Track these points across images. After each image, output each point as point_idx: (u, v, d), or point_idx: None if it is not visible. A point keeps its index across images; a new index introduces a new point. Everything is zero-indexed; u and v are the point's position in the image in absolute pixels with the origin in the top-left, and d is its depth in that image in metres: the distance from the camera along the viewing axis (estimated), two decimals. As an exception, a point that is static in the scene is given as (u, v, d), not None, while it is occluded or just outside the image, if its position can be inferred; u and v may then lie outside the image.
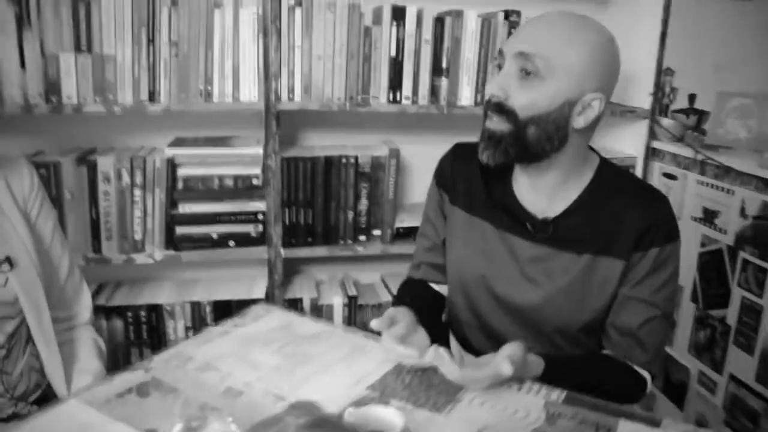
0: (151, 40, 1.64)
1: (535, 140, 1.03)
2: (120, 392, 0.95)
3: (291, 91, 1.74)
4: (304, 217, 1.83)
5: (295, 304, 1.87)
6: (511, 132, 1.03)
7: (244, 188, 1.79)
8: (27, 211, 1.19)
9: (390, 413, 0.87)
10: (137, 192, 1.73)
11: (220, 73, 1.70)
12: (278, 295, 1.84)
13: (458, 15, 1.80)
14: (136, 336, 1.81)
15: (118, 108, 1.65)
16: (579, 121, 1.02)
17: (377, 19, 1.79)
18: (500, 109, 1.02)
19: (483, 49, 1.82)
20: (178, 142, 1.81)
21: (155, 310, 1.80)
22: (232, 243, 1.80)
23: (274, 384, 0.98)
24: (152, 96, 1.68)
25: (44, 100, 1.62)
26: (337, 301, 1.92)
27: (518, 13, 1.83)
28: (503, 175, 1.17)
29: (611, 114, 1.94)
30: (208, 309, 1.83)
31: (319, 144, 1.98)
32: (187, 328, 1.83)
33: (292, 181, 1.80)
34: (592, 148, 1.16)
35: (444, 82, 1.83)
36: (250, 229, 1.81)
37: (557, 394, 0.98)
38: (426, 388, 0.99)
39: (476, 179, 1.20)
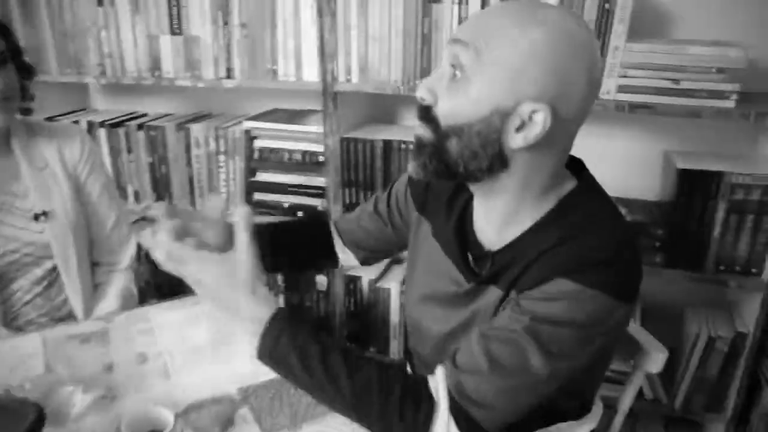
0: (225, 23, 1.77)
1: (456, 156, 0.84)
2: (73, 335, 1.23)
3: (348, 72, 1.71)
4: (364, 197, 1.83)
5: (354, 281, 1.92)
6: (431, 142, 0.86)
7: (311, 163, 1.86)
8: (76, 174, 1.48)
9: (159, 410, 0.93)
10: (221, 158, 1.94)
11: (284, 53, 1.76)
12: (339, 271, 1.91)
13: (532, -12, 1.51)
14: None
15: (202, 83, 1.85)
16: (517, 139, 0.81)
17: (436, -5, 1.61)
18: (425, 114, 0.85)
19: (561, 29, 1.51)
20: (266, 114, 1.95)
21: (237, 262, 2.04)
22: (300, 213, 1.91)
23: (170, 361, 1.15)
24: (229, 73, 1.83)
25: (151, 74, 1.90)
26: (394, 287, 1.90)
27: (614, -16, 1.46)
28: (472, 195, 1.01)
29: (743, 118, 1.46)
30: (277, 271, 2.01)
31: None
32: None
33: (351, 162, 1.81)
34: (580, 172, 0.94)
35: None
36: (318, 203, 1.89)
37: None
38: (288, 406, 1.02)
39: (445, 195, 1.05)
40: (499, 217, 0.93)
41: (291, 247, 1.22)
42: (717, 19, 1.62)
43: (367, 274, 1.89)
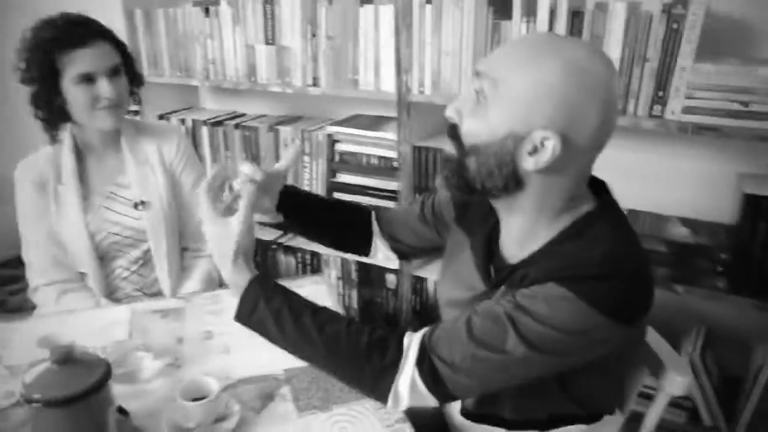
0: (313, 35, 1.92)
1: (474, 173, 0.92)
2: (156, 309, 1.42)
3: (421, 84, 1.80)
4: (433, 203, 1.91)
5: (420, 282, 2.01)
6: (454, 158, 0.95)
7: (386, 168, 1.98)
8: (172, 169, 1.70)
9: (207, 381, 1.07)
10: (306, 158, 2.10)
11: (364, 65, 1.88)
12: (407, 270, 2.01)
13: (601, 8, 1.53)
14: (302, 272, 2.25)
15: (291, 89, 2.01)
16: (529, 163, 0.88)
17: (506, 13, 1.66)
18: (453, 132, 0.94)
19: (629, 48, 1.52)
20: (348, 120, 2.08)
21: (316, 256, 2.19)
22: (374, 214, 2.03)
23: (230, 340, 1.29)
24: (315, 81, 1.97)
25: (247, 80, 2.09)
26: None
27: (684, 4, 1.45)
28: None
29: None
30: (353, 266, 2.14)
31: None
32: (337, 278, 2.18)
33: (423, 169, 1.90)
34: (601, 194, 0.99)
35: (578, 85, 1.61)
36: (391, 205, 2.00)
37: None
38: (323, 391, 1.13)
39: (481, 210, 1.12)
40: (517, 233, 1.00)
41: (331, 224, 1.31)
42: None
43: (432, 276, 1.98)
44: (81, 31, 1.48)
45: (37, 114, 1.54)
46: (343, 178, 2.06)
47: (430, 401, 0.96)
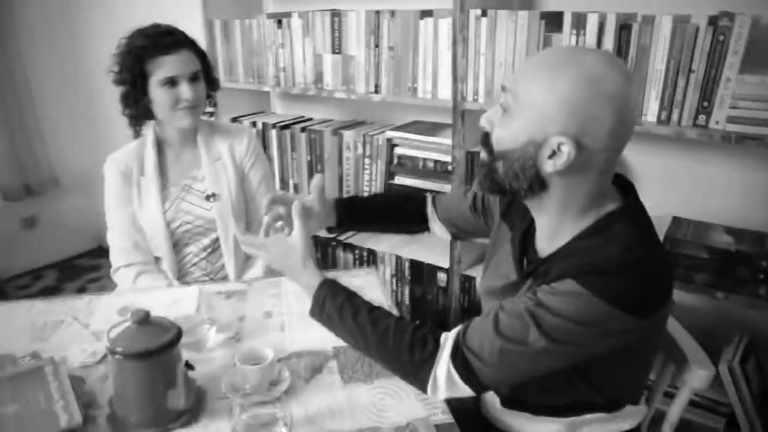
0: (376, 46, 2.05)
1: (503, 175, 1.04)
2: (221, 291, 1.60)
3: (476, 93, 1.90)
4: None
5: (468, 281, 2.10)
6: (486, 164, 1.07)
7: (440, 171, 2.08)
8: (242, 165, 1.86)
9: (263, 350, 1.21)
10: (367, 161, 2.22)
11: (423, 74, 2.00)
12: (456, 269, 2.10)
13: (647, 21, 1.59)
14: (358, 267, 2.37)
15: (355, 96, 2.14)
16: (549, 165, 0.98)
17: (558, 27, 1.73)
18: (485, 140, 1.06)
19: (674, 60, 1.58)
20: (407, 126, 2.20)
21: (372, 253, 2.31)
22: (427, 215, 2.13)
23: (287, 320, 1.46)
24: (377, 88, 2.10)
25: (314, 86, 2.24)
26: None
27: (731, 16, 1.49)
28: None
29: None
30: (406, 264, 2.24)
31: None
32: (391, 275, 2.29)
33: (475, 173, 1.98)
34: (626, 195, 1.07)
35: (625, 95, 1.66)
36: (443, 206, 2.10)
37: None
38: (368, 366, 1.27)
39: (523, 206, 1.19)
40: (546, 230, 1.10)
41: (388, 220, 1.53)
42: None
43: (480, 275, 2.06)
44: (168, 40, 1.66)
45: (125, 111, 1.73)
46: (401, 180, 2.17)
47: (465, 391, 1.05)
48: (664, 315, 1.07)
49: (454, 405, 1.16)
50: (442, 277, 2.17)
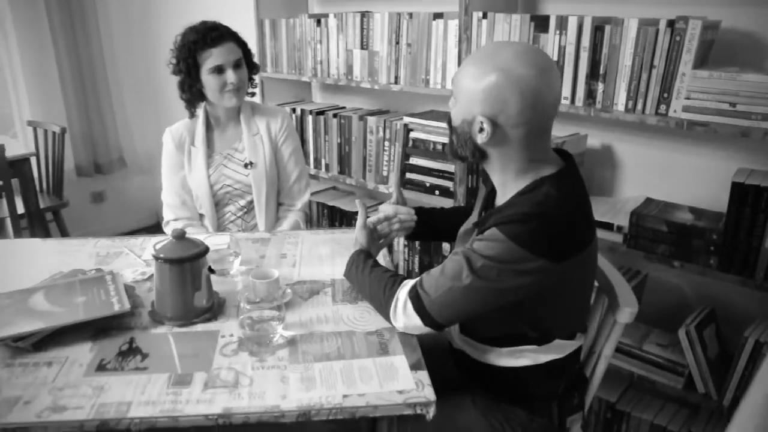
0: (397, 42, 2.37)
1: (456, 146, 1.36)
2: (247, 237, 1.92)
3: (477, 84, 2.18)
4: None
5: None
6: (448, 137, 1.41)
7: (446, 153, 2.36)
8: (276, 140, 2.21)
9: (271, 270, 1.55)
10: (386, 143, 2.54)
11: (434, 67, 2.30)
12: (459, 239, 2.38)
13: (618, 23, 1.85)
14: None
15: (377, 86, 2.46)
16: (479, 138, 1.28)
17: (545, 28, 2.00)
18: (449, 120, 1.39)
19: (639, 57, 1.83)
20: (423, 114, 2.50)
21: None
22: (437, 192, 2.42)
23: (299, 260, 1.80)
24: (396, 80, 2.41)
25: (345, 78, 2.57)
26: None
27: (685, 20, 1.73)
28: None
29: None
30: (417, 235, 2.54)
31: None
32: (403, 246, 2.59)
33: (476, 155, 2.26)
34: (567, 165, 1.34)
35: (600, 87, 1.92)
36: (449, 184, 2.39)
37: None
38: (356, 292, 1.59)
39: None
40: (498, 189, 1.40)
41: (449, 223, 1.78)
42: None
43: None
44: (214, 34, 2.02)
45: (182, 96, 2.10)
46: (415, 161, 2.47)
47: (417, 321, 1.34)
48: (581, 263, 1.30)
49: (426, 337, 1.43)
50: (446, 246, 2.46)
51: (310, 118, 2.79)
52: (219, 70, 2.02)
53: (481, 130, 1.27)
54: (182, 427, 1.14)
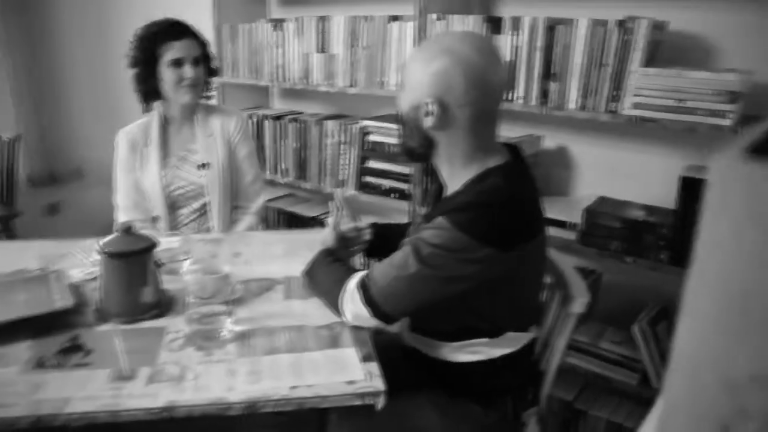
0: (353, 45, 2.37)
1: (406, 138, 1.37)
2: (201, 239, 1.86)
3: (433, 85, 2.20)
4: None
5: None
6: (398, 132, 1.43)
7: (405, 156, 2.37)
8: (231, 141, 2.18)
9: (221, 266, 1.51)
10: (343, 147, 2.53)
11: (390, 69, 2.31)
12: (418, 242, 2.37)
13: (568, 23, 1.88)
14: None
15: (335, 89, 2.46)
16: (427, 122, 1.28)
17: (498, 29, 2.03)
18: (397, 115, 1.42)
19: (588, 56, 1.86)
20: (379, 117, 2.50)
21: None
22: (394, 195, 2.42)
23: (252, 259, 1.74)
24: (353, 83, 2.42)
25: (303, 82, 2.57)
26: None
27: (634, 20, 1.77)
28: None
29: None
30: (376, 238, 2.52)
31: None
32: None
33: (433, 156, 2.27)
34: (516, 158, 1.35)
35: (553, 86, 1.95)
36: (405, 186, 2.39)
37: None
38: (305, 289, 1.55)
39: None
40: (446, 182, 1.39)
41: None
42: (749, 50, 1.85)
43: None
44: (177, 29, 2.01)
45: (137, 88, 2.07)
46: (372, 164, 2.47)
47: (365, 312, 1.31)
48: (528, 253, 1.30)
49: (378, 334, 1.43)
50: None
51: (267, 123, 2.77)
52: (178, 63, 2.00)
53: (428, 114, 1.27)
54: (129, 422, 1.10)
